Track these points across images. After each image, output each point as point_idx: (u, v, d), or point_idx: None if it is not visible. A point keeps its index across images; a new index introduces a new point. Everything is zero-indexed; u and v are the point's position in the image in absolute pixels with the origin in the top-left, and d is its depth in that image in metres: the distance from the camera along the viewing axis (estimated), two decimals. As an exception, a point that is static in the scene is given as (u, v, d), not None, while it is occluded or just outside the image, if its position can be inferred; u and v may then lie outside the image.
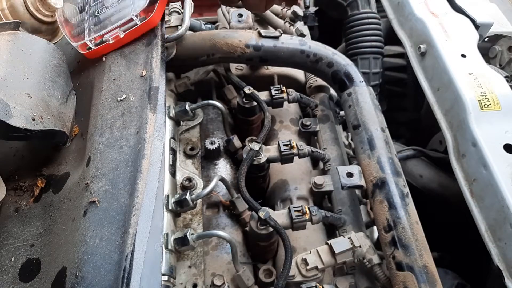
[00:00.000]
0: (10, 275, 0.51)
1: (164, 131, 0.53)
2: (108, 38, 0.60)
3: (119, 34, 0.60)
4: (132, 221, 0.45)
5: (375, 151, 0.76)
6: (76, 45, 0.61)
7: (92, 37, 0.61)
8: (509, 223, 0.75)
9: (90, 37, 0.60)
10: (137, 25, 0.60)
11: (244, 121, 0.91)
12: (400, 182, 0.73)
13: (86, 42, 0.60)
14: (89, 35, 0.61)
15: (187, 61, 0.88)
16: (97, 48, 0.61)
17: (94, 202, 0.48)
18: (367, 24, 1.16)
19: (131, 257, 0.42)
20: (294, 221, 0.69)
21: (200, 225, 0.78)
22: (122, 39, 0.60)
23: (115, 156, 0.51)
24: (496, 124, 0.87)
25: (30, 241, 0.53)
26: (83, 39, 0.61)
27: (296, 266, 0.67)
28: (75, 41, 0.61)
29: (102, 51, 0.61)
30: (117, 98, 0.56)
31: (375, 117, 0.81)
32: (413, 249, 0.65)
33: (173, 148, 0.78)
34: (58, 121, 0.56)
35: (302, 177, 0.86)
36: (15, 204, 0.57)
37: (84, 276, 0.43)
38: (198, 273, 0.71)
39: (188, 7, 0.89)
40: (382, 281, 0.69)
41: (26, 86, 0.54)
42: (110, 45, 0.61)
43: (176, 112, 0.83)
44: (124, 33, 0.60)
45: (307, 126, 0.93)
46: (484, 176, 0.82)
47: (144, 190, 0.47)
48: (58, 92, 0.58)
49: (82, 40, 0.61)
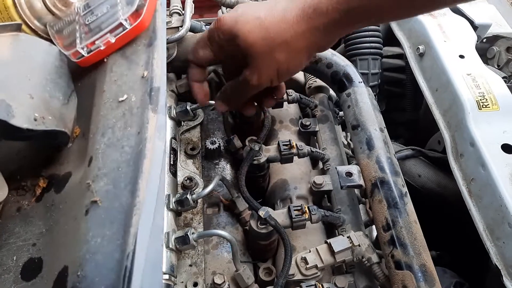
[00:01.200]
0: (12, 274, 0.51)
1: (165, 131, 0.54)
2: (100, 44, 0.60)
3: (110, 40, 0.60)
4: (133, 220, 0.45)
5: (374, 151, 0.76)
6: (68, 54, 0.61)
7: (84, 44, 0.61)
8: (507, 222, 0.76)
9: (82, 44, 0.61)
10: (127, 29, 0.60)
11: (244, 121, 0.91)
12: (399, 181, 0.73)
13: (78, 50, 0.61)
14: (80, 43, 0.61)
15: (187, 62, 0.89)
16: (89, 56, 0.61)
17: (96, 201, 0.48)
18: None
19: (133, 256, 0.43)
20: (293, 220, 0.70)
21: (200, 224, 0.79)
22: (113, 45, 0.61)
23: (116, 156, 0.51)
24: (494, 124, 0.88)
25: (32, 240, 0.53)
26: (74, 47, 0.61)
27: (296, 264, 0.68)
28: (67, 50, 0.61)
29: (93, 58, 0.62)
30: (119, 98, 0.56)
31: (374, 117, 0.82)
32: (412, 248, 0.65)
33: (174, 148, 0.79)
34: (60, 121, 0.57)
35: (302, 176, 0.87)
36: (17, 203, 0.57)
37: (86, 274, 0.43)
38: (198, 272, 0.72)
39: (189, 8, 0.89)
40: (381, 280, 0.69)
41: (28, 87, 0.54)
42: (101, 51, 0.61)
43: (177, 112, 0.83)
44: (115, 38, 0.60)
45: (307, 126, 0.93)
46: (482, 176, 0.83)
47: (145, 189, 0.47)
48: (60, 93, 0.59)
49: (74, 49, 0.61)
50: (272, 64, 0.65)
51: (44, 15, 0.64)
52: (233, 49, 0.64)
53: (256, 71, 0.65)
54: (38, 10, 0.63)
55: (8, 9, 0.62)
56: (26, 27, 0.63)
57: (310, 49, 0.66)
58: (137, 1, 0.60)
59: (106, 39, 0.60)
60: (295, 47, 0.63)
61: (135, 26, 0.60)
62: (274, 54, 0.63)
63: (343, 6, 0.59)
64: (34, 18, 0.64)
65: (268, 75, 0.66)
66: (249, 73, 0.66)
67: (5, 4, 0.61)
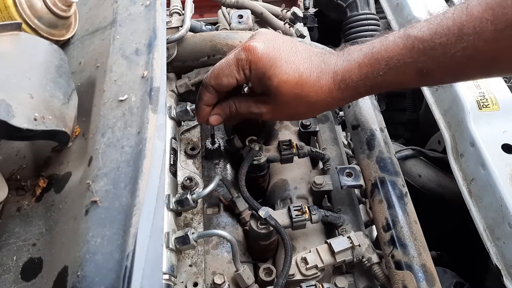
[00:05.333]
0: (12, 274, 0.51)
1: (165, 131, 0.54)
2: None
3: None
4: (133, 220, 0.45)
5: (374, 151, 0.76)
6: None
7: None
8: (507, 222, 0.76)
9: None
10: None
11: (244, 121, 0.91)
12: (399, 181, 0.73)
13: None
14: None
15: (187, 61, 0.89)
16: None
17: (96, 201, 0.48)
18: (366, 25, 1.17)
19: (133, 256, 0.43)
20: (293, 220, 0.70)
21: (200, 224, 0.79)
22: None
23: (116, 156, 0.51)
24: (494, 124, 0.88)
25: (32, 240, 0.53)
26: None
27: (296, 265, 0.68)
28: None
29: None
30: (118, 98, 0.56)
31: (374, 117, 0.82)
32: (412, 248, 0.65)
33: (174, 148, 0.78)
34: (60, 121, 0.56)
35: (302, 176, 0.87)
36: (17, 203, 0.57)
37: (86, 275, 0.43)
38: (198, 272, 0.72)
39: (189, 8, 0.89)
40: (381, 280, 0.69)
41: (28, 87, 0.54)
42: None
43: (177, 112, 0.83)
44: None
45: (307, 126, 0.93)
46: (483, 176, 0.82)
47: (145, 189, 0.47)
48: (60, 92, 0.59)
49: None
50: (292, 112, 0.68)
51: (44, 14, 0.64)
52: (259, 83, 0.66)
53: (273, 112, 0.68)
54: (38, 9, 0.63)
55: (8, 8, 0.62)
56: (26, 26, 0.63)
57: (329, 108, 0.73)
58: None
59: None
60: (319, 107, 0.68)
61: None
62: (298, 107, 0.66)
63: (371, 82, 0.62)
64: (34, 17, 0.64)
65: (282, 117, 0.72)
66: (266, 111, 0.68)
67: (5, 3, 0.61)
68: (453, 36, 0.55)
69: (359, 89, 0.64)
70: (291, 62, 0.63)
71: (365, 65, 0.62)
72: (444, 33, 0.56)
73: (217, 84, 0.67)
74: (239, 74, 0.65)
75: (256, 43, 0.63)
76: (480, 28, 0.53)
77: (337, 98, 0.65)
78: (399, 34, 0.61)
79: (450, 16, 0.56)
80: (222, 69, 0.66)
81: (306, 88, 0.63)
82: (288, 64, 0.63)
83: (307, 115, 0.75)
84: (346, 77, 0.63)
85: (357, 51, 0.64)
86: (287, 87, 0.63)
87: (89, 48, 0.68)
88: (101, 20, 0.70)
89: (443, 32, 0.56)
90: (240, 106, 0.70)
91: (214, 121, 0.72)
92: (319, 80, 0.64)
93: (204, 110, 0.71)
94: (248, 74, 0.65)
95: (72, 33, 0.71)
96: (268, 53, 0.63)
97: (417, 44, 0.58)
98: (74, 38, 0.72)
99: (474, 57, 0.55)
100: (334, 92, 0.64)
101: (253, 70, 0.64)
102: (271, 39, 0.65)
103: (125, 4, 0.68)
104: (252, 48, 0.63)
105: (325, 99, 0.65)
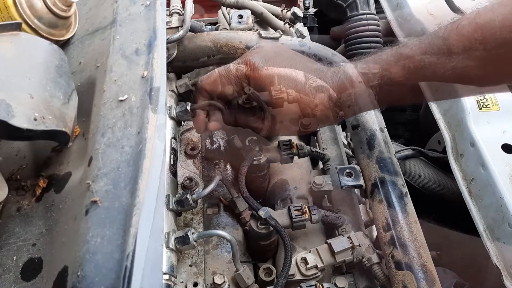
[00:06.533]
0: (12, 274, 0.51)
1: (165, 131, 0.54)
2: None
3: None
4: (133, 220, 0.45)
5: (374, 151, 0.76)
6: None
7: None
8: (507, 222, 0.76)
9: None
10: None
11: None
12: (399, 181, 0.73)
13: None
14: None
15: (187, 62, 0.89)
16: None
17: (96, 201, 0.48)
18: (366, 25, 1.17)
19: (132, 256, 0.43)
20: (293, 220, 0.70)
21: (200, 224, 0.79)
22: None
23: (116, 156, 0.51)
24: (494, 124, 0.88)
25: (32, 240, 0.53)
26: None
27: (296, 265, 0.68)
28: None
29: None
30: (118, 98, 0.56)
31: (374, 117, 0.82)
32: (412, 248, 0.65)
33: (174, 148, 0.78)
34: (60, 121, 0.56)
35: (302, 176, 0.87)
36: (17, 203, 0.57)
37: (86, 275, 0.43)
38: (198, 272, 0.72)
39: (189, 8, 0.89)
40: (381, 280, 0.69)
41: (28, 87, 0.54)
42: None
43: (177, 112, 0.83)
44: None
45: (307, 126, 0.93)
46: (483, 176, 0.82)
47: (145, 189, 0.47)
48: (60, 92, 0.59)
49: None
50: (284, 130, 0.73)
51: (44, 14, 0.64)
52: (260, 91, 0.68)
53: (269, 128, 0.72)
54: (38, 9, 0.63)
55: (8, 8, 0.62)
56: (26, 26, 0.63)
57: (324, 125, 0.79)
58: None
59: None
60: (314, 124, 0.71)
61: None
62: (295, 123, 0.71)
63: (361, 97, 0.66)
64: (34, 17, 0.64)
65: (276, 133, 0.75)
66: (263, 128, 0.72)
67: (5, 3, 0.61)
68: (443, 55, 0.56)
69: (353, 107, 0.67)
70: (289, 80, 0.66)
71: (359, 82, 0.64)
72: (434, 52, 0.56)
73: (211, 91, 0.70)
74: (237, 87, 0.68)
75: (257, 60, 0.66)
76: (469, 48, 0.53)
77: (332, 115, 0.68)
78: (391, 53, 0.62)
79: (440, 36, 0.57)
80: (220, 77, 0.68)
81: (302, 105, 0.67)
82: (286, 82, 0.66)
83: (302, 131, 0.77)
84: (341, 94, 0.66)
85: (352, 68, 0.66)
86: (285, 104, 0.66)
87: (89, 48, 0.68)
88: (101, 20, 0.70)
89: (433, 51, 0.57)
90: (240, 118, 0.73)
91: (213, 127, 0.75)
92: (315, 98, 0.66)
93: (199, 115, 0.74)
94: (246, 83, 0.68)
95: (72, 33, 0.71)
96: (268, 72, 0.66)
97: (407, 63, 0.59)
98: (74, 38, 0.72)
99: (463, 76, 0.56)
100: (329, 110, 0.67)
101: (252, 85, 0.67)
102: (272, 56, 0.67)
103: (125, 4, 0.68)
104: (253, 65, 0.66)
105: (320, 117, 0.68)
